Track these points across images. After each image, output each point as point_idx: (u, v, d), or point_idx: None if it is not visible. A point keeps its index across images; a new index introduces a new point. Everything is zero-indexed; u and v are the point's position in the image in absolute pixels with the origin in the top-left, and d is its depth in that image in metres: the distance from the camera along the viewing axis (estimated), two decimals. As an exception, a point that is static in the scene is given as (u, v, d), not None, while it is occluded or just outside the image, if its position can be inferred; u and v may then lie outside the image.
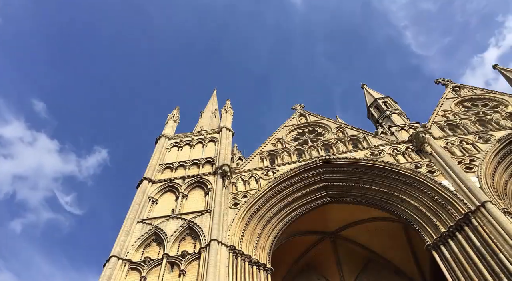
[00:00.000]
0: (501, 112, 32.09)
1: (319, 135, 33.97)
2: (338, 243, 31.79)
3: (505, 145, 26.56)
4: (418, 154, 27.17)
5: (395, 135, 30.69)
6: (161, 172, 29.75)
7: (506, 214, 20.23)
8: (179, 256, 21.31)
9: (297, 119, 37.69)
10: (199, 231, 22.71)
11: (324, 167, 27.73)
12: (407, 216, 24.22)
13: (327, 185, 27.38)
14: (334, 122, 35.76)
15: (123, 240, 22.53)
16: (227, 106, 40.23)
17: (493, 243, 19.19)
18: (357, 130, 32.83)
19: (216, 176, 27.57)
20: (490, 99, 34.83)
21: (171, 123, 38.46)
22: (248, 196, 25.73)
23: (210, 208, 24.44)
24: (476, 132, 28.74)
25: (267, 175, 27.96)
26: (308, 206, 26.81)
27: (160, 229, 23.42)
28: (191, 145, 33.65)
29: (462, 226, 21.03)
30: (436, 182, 23.70)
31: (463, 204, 21.65)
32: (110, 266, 20.68)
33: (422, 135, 27.73)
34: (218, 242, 21.36)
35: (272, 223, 25.34)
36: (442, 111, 33.35)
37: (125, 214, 24.93)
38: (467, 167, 24.58)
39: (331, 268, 31.78)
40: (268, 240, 24.58)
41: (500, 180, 24.92)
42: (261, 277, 21.95)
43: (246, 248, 22.69)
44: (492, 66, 42.25)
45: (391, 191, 25.38)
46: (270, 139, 33.92)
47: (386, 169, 26.03)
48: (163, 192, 27.70)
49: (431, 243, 22.06)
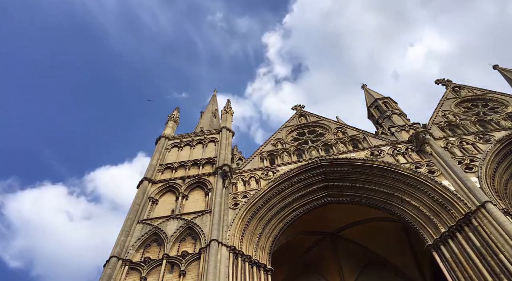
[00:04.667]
0: (501, 112, 32.08)
1: (319, 136, 33.96)
2: (338, 244, 31.75)
3: (505, 146, 26.57)
4: (418, 155, 27.16)
5: (395, 135, 30.67)
6: (161, 173, 29.74)
7: (506, 215, 20.26)
8: (179, 257, 21.30)
9: (297, 119, 37.69)
10: (199, 232, 22.71)
11: (324, 168, 27.73)
12: (407, 216, 24.22)
13: (327, 186, 27.39)
14: (334, 122, 35.78)
15: (123, 241, 22.53)
16: (227, 106, 40.25)
17: (493, 243, 19.21)
18: (357, 130, 32.82)
19: (216, 176, 27.56)
20: (490, 100, 34.82)
21: (171, 124, 38.48)
22: (248, 197, 25.71)
23: (210, 209, 24.43)
24: (476, 133, 28.73)
25: (267, 175, 27.95)
26: (308, 207, 26.82)
27: (160, 229, 23.41)
28: (191, 145, 33.63)
29: (462, 227, 21.05)
30: (437, 182, 23.70)
31: (463, 205, 21.65)
32: (110, 266, 20.69)
33: (422, 136, 27.71)
34: (218, 242, 21.36)
35: (272, 223, 25.34)
36: (442, 112, 33.35)
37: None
38: (467, 168, 24.58)
39: (331, 269, 31.77)
40: (268, 241, 24.57)
41: (500, 180, 24.93)
42: (261, 277, 21.95)
43: (246, 249, 22.68)
44: (492, 66, 42.14)
45: (391, 192, 25.38)
46: (270, 140, 33.90)
47: (386, 169, 26.04)
48: (163, 193, 27.69)
49: (431, 243, 22.08)
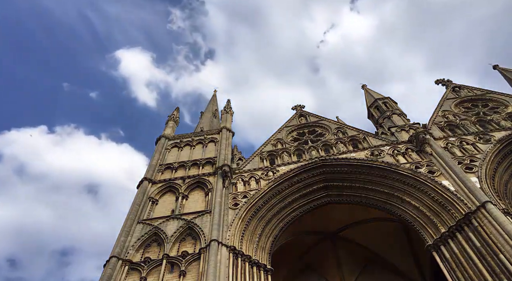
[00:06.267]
0: (501, 112, 32.08)
1: (319, 136, 33.95)
2: (339, 244, 31.76)
3: (506, 146, 26.57)
4: (418, 155, 27.15)
5: (395, 135, 30.66)
6: (161, 173, 29.73)
7: (506, 215, 20.26)
8: (179, 257, 21.30)
9: (297, 119, 37.70)
10: (199, 232, 22.70)
11: (324, 168, 27.73)
12: (407, 216, 24.22)
13: (327, 186, 27.39)
14: (334, 122, 35.79)
15: (123, 241, 22.53)
16: (227, 106, 40.25)
17: (493, 243, 19.21)
18: (357, 130, 32.82)
19: (216, 176, 27.55)
20: (490, 100, 34.81)
21: (171, 124, 38.48)
22: (248, 197, 25.70)
23: (210, 209, 24.42)
24: (476, 133, 28.72)
25: (267, 175, 27.95)
26: (308, 207, 26.82)
27: (160, 229, 23.41)
28: (191, 145, 33.63)
29: (463, 227, 21.06)
30: (437, 182, 23.70)
31: (464, 205, 21.65)
32: (110, 266, 20.68)
33: (423, 136, 27.70)
34: (218, 242, 21.36)
35: (272, 223, 25.34)
36: (442, 112, 33.35)
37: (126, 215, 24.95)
38: (467, 168, 24.58)
39: (331, 269, 31.77)
40: (268, 241, 24.57)
41: (500, 180, 24.93)
42: (262, 277, 21.95)
43: (246, 249, 22.68)
44: (492, 66, 42.14)
45: (391, 192, 25.39)
46: (270, 140, 33.89)
47: (386, 169, 26.04)
48: (163, 193, 27.68)
49: (431, 244, 22.09)
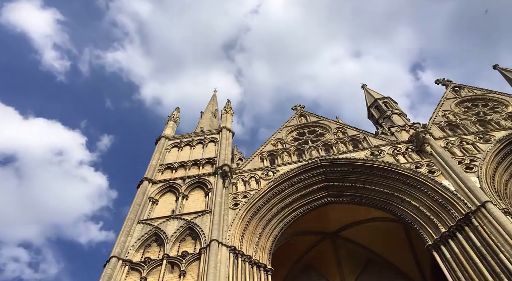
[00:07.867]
0: (501, 112, 32.06)
1: (319, 136, 33.95)
2: (339, 244, 31.74)
3: (506, 145, 26.55)
4: (419, 155, 27.15)
5: (395, 135, 30.66)
6: (161, 173, 29.73)
7: (507, 214, 20.23)
8: (180, 257, 21.29)
9: (297, 119, 37.69)
10: (199, 232, 22.69)
11: (324, 168, 27.72)
12: (407, 216, 24.21)
13: (328, 186, 27.38)
14: (334, 122, 35.76)
15: (123, 241, 22.53)
16: (227, 106, 40.23)
17: (493, 243, 19.19)
18: (357, 130, 32.81)
19: (217, 176, 27.54)
20: (490, 99, 34.79)
21: (171, 124, 38.47)
22: (249, 197, 25.70)
23: (210, 209, 24.41)
24: (476, 132, 28.71)
25: (267, 175, 27.94)
26: (309, 207, 26.81)
27: (160, 229, 23.40)
28: (191, 145, 33.62)
29: (463, 226, 21.03)
30: (437, 182, 23.69)
31: (464, 204, 21.64)
32: (110, 266, 20.67)
33: (423, 135, 27.70)
34: (219, 242, 21.35)
35: (272, 223, 25.33)
36: (442, 111, 33.33)
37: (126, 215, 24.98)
38: (467, 167, 24.56)
39: (331, 269, 31.74)
40: (269, 241, 24.56)
41: (500, 180, 24.92)
42: (262, 277, 21.94)
43: (246, 249, 22.68)
44: (492, 66, 42.13)
45: (392, 192, 25.37)
46: (270, 140, 33.90)
47: (387, 169, 26.03)
48: (163, 193, 27.67)
49: (431, 243, 22.06)
